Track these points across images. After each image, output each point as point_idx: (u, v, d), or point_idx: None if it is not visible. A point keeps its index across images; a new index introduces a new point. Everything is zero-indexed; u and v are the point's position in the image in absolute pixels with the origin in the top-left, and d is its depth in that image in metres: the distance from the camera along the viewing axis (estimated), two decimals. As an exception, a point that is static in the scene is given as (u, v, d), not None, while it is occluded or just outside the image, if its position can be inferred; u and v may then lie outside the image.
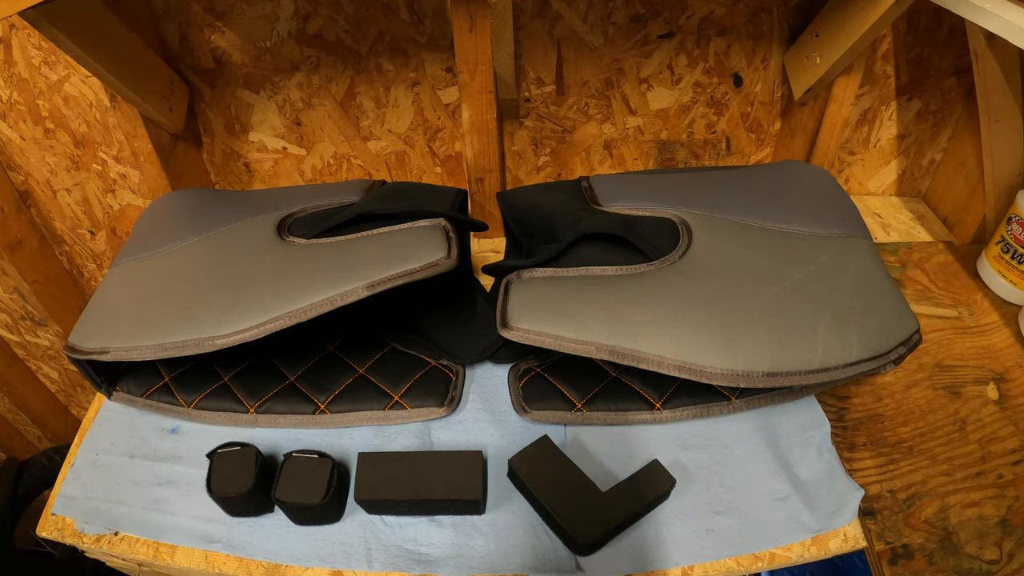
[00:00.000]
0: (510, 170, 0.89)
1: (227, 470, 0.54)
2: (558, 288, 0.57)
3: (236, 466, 0.54)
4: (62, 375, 1.12)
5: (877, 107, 0.84)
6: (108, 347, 0.56)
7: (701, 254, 0.59)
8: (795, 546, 0.52)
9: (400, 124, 0.83)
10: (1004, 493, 0.55)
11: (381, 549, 0.53)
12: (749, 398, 0.60)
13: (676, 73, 0.80)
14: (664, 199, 0.66)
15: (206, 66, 0.77)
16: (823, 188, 0.69)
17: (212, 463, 0.55)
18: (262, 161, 0.87)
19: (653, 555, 0.51)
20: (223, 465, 0.54)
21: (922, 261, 0.79)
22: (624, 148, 0.88)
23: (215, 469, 0.54)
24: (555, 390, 0.61)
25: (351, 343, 0.67)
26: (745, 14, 0.76)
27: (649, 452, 0.58)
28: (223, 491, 0.53)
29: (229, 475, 0.53)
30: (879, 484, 0.56)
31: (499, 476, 0.57)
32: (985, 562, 0.51)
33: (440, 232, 0.58)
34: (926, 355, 0.67)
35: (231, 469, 0.54)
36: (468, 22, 0.65)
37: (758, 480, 0.56)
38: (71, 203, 0.90)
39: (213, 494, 0.53)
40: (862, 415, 0.61)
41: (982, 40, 0.67)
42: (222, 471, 0.54)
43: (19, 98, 0.78)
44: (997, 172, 0.76)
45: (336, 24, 0.74)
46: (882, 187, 0.93)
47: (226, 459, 0.54)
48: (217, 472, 0.54)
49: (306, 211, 0.65)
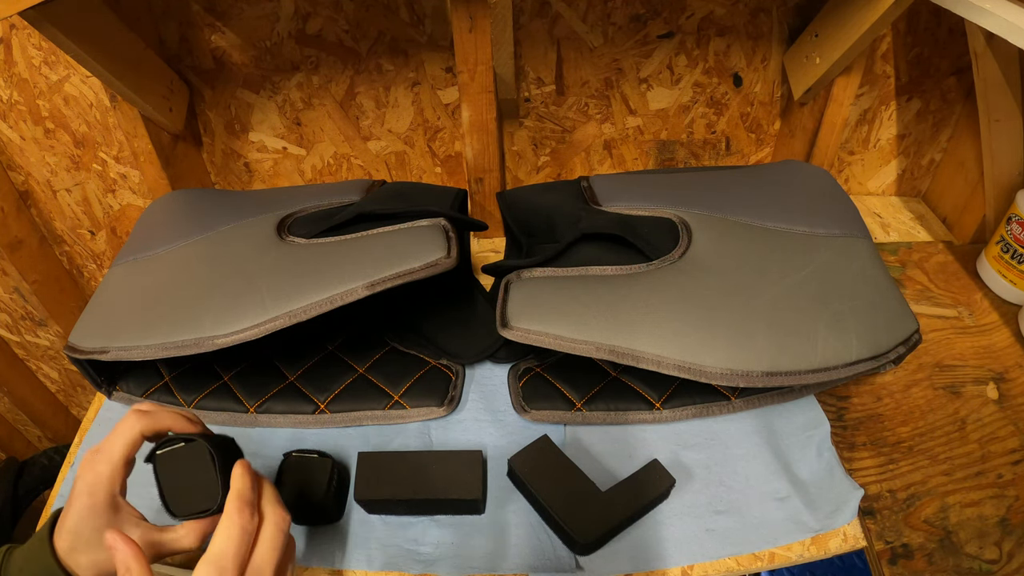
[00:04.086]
0: (510, 170, 0.89)
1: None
2: (558, 288, 0.57)
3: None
4: (62, 375, 1.12)
5: (877, 107, 0.84)
6: (108, 347, 0.56)
7: (701, 254, 0.59)
8: (795, 546, 0.52)
9: (400, 124, 0.83)
10: (1004, 493, 0.55)
11: (381, 549, 0.53)
12: (749, 398, 0.60)
13: (676, 73, 0.80)
14: (664, 199, 0.66)
15: (206, 66, 0.77)
16: (823, 188, 0.69)
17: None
18: (262, 161, 0.87)
19: (653, 555, 0.51)
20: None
21: (922, 261, 0.79)
22: (624, 148, 0.88)
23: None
24: (555, 390, 0.61)
25: (351, 343, 0.67)
26: (745, 14, 0.76)
27: (649, 452, 0.58)
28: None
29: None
30: (879, 484, 0.56)
31: (499, 476, 0.57)
32: (985, 562, 0.51)
33: (440, 232, 0.58)
34: (926, 355, 0.67)
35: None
36: (468, 22, 0.65)
37: (758, 480, 0.56)
38: (71, 203, 0.90)
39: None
40: (862, 415, 0.61)
41: (982, 40, 0.67)
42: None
43: (19, 98, 0.78)
44: (997, 172, 0.76)
45: (336, 24, 0.74)
46: (882, 187, 0.93)
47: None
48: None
49: (306, 211, 0.65)
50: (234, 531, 0.39)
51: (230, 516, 0.39)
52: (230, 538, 0.38)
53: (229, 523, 0.39)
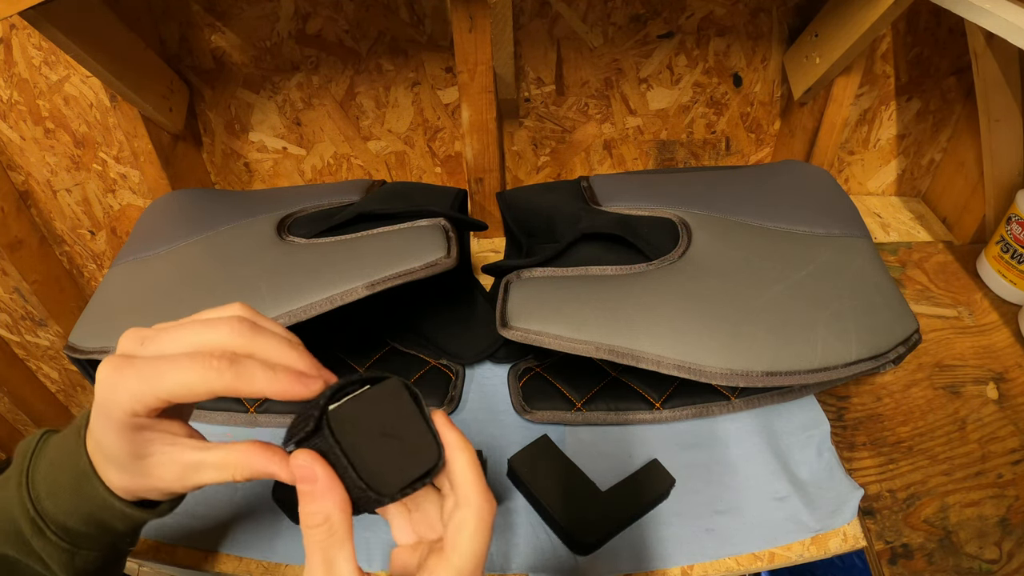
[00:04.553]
0: (510, 170, 0.89)
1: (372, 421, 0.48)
2: (558, 288, 0.57)
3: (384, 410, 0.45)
4: (62, 375, 1.12)
5: (877, 107, 0.84)
6: (108, 347, 0.55)
7: (701, 254, 0.59)
8: (795, 545, 0.52)
9: (400, 124, 0.83)
10: (1004, 493, 0.55)
11: (381, 548, 0.53)
12: (748, 398, 0.60)
13: (676, 73, 0.80)
14: (664, 199, 0.66)
15: (206, 66, 0.77)
16: (823, 188, 0.69)
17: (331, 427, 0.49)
18: (262, 161, 0.87)
19: (653, 554, 0.51)
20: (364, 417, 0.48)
21: (922, 261, 0.79)
22: (624, 148, 0.88)
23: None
24: (555, 390, 0.61)
25: (351, 343, 0.67)
26: (745, 14, 0.76)
27: (649, 452, 0.58)
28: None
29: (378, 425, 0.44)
30: (879, 484, 0.56)
31: (499, 476, 0.57)
32: (985, 562, 0.51)
33: (440, 232, 0.58)
34: (926, 355, 0.67)
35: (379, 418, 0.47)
36: (468, 22, 0.65)
37: (758, 480, 0.56)
38: (71, 203, 0.90)
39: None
40: (862, 415, 0.61)
41: (981, 40, 0.67)
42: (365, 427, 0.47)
43: (19, 98, 0.78)
44: (997, 172, 0.76)
45: (336, 24, 0.74)
46: (882, 187, 0.93)
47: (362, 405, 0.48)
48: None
49: (306, 211, 0.65)
50: (486, 530, 0.28)
51: (481, 507, 0.28)
52: (485, 542, 0.28)
53: (480, 516, 0.28)
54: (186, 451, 0.32)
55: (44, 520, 0.34)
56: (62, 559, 0.35)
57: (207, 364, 0.28)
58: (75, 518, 0.34)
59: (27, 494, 0.35)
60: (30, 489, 0.35)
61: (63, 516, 0.34)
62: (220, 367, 0.28)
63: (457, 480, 0.30)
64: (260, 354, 0.30)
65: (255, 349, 0.30)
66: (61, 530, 0.35)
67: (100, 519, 0.35)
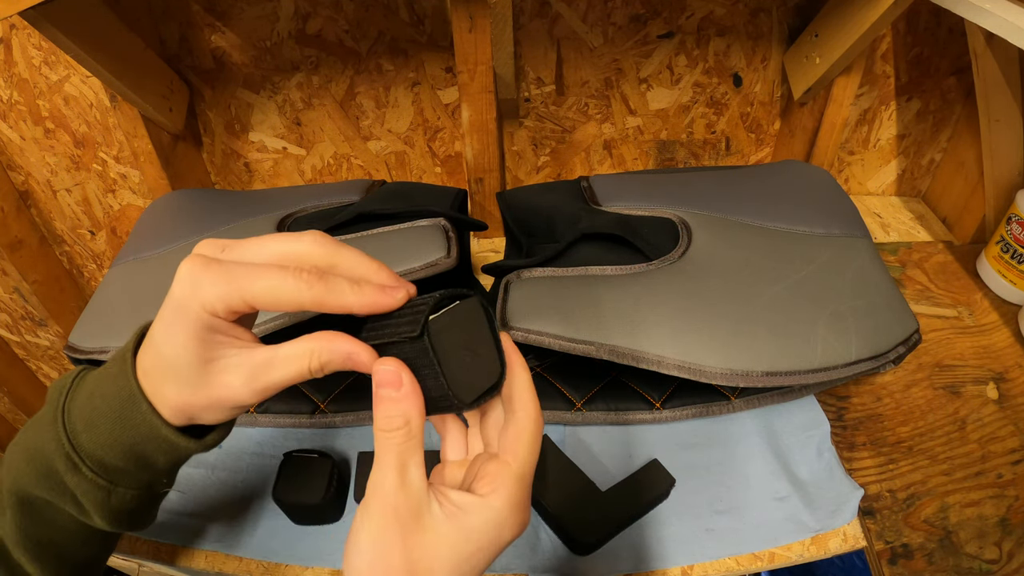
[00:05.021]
0: (510, 170, 0.89)
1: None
2: (558, 288, 0.57)
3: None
4: (62, 375, 1.12)
5: (877, 107, 0.84)
6: (108, 347, 0.56)
7: (701, 254, 0.59)
8: (795, 546, 0.52)
9: (400, 124, 0.83)
10: (1004, 493, 0.55)
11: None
12: (749, 398, 0.60)
13: (676, 73, 0.80)
14: (664, 199, 0.66)
15: (206, 66, 0.77)
16: (823, 188, 0.69)
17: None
18: (262, 161, 0.87)
19: (653, 554, 0.51)
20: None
21: (922, 261, 0.79)
22: (624, 148, 0.88)
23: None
24: (555, 390, 0.61)
25: (351, 343, 0.67)
26: (745, 14, 0.76)
27: (649, 452, 0.58)
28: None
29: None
30: (879, 484, 0.56)
31: (499, 476, 0.57)
32: (985, 562, 0.51)
33: (440, 232, 0.58)
34: (926, 355, 0.67)
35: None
36: (468, 22, 0.65)
37: (758, 480, 0.56)
38: (71, 203, 0.90)
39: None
40: (862, 415, 0.61)
41: (981, 40, 0.67)
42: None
43: (19, 98, 0.78)
44: (997, 172, 0.76)
45: (336, 24, 0.74)
46: (882, 187, 0.93)
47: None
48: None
49: (306, 211, 0.65)
50: (539, 443, 0.31)
51: (538, 420, 0.31)
52: (538, 452, 0.31)
53: (538, 428, 0.31)
54: (256, 351, 0.31)
55: (80, 455, 0.33)
56: (97, 497, 0.34)
57: (298, 276, 0.28)
58: (114, 451, 0.33)
59: (63, 428, 0.33)
60: (66, 423, 0.34)
61: (101, 450, 0.33)
62: (310, 280, 0.28)
63: (516, 395, 0.32)
64: (342, 267, 0.30)
65: (338, 261, 0.30)
66: (97, 465, 0.33)
67: (141, 452, 0.33)
